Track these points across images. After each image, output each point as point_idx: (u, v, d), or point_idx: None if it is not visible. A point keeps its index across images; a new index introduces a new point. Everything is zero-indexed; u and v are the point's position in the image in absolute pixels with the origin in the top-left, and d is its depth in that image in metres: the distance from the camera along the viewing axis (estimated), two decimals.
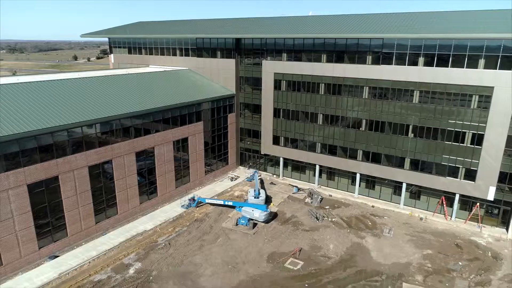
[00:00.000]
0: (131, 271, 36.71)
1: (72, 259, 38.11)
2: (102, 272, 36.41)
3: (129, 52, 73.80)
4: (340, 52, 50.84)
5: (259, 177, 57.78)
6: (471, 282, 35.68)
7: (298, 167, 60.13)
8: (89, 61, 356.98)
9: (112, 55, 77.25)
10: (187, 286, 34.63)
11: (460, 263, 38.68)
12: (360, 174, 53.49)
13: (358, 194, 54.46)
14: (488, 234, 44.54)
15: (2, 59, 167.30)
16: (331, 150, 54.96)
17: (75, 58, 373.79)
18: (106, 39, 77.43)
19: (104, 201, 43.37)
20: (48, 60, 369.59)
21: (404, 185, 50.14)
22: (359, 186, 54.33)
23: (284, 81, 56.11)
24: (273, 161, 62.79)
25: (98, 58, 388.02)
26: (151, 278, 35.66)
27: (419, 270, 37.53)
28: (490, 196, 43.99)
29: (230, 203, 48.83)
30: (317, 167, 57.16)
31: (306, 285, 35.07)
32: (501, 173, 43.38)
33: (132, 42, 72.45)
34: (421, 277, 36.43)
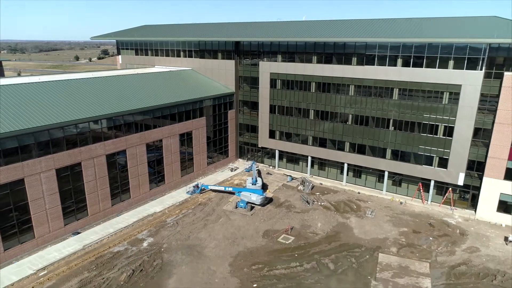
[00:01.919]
0: (145, 244, 42.41)
1: (92, 234, 43.82)
2: (120, 245, 42.10)
3: (136, 54, 79.40)
4: (329, 54, 56.54)
5: (257, 168, 63.45)
6: (438, 253, 41.40)
7: (292, 159, 65.87)
8: (90, 61, 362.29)
9: (120, 56, 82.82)
10: (194, 255, 40.31)
11: (430, 238, 44.44)
12: (348, 164, 59.20)
13: (346, 182, 60.18)
14: (459, 215, 50.30)
15: (9, 60, 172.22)
16: (322, 143, 60.67)
17: (77, 58, 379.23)
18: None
19: (119, 186, 49.06)
20: (50, 60, 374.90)
21: (386, 174, 55.88)
22: (347, 175, 60.06)
23: (279, 80, 61.82)
24: (270, 154, 68.49)
25: (99, 58, 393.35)
26: (162, 249, 41.34)
27: (394, 243, 43.26)
28: (460, 182, 49.79)
29: (230, 189, 54.55)
30: (309, 159, 62.90)
31: (296, 254, 40.77)
32: (469, 161, 49.24)
33: (139, 44, 78.08)
34: (396, 249, 42.15)
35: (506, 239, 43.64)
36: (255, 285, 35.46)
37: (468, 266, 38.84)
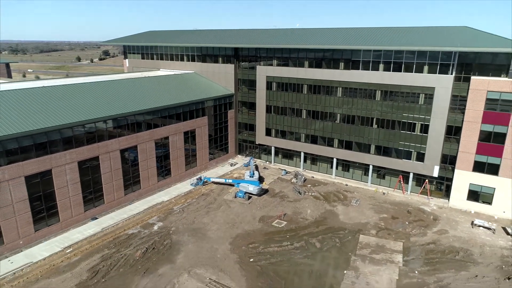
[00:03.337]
0: (155, 227, 48.35)
1: (109, 219, 49.75)
2: (134, 228, 48.02)
3: (142, 58, 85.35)
4: (319, 59, 62.54)
5: (254, 163, 69.38)
6: (411, 235, 47.37)
7: (287, 155, 71.87)
8: (92, 62, 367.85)
9: (126, 60, 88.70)
10: (198, 236, 46.27)
11: (406, 223, 50.43)
12: (337, 159, 65.21)
13: (335, 175, 66.20)
14: (434, 203, 56.29)
15: (16, 62, 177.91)
16: (313, 140, 66.68)
17: (79, 59, 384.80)
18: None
19: (131, 178, 54.99)
20: (52, 61, 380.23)
21: (371, 167, 61.88)
22: (336, 169, 66.06)
23: (274, 83, 67.82)
24: (266, 150, 74.44)
25: (100, 59, 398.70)
26: (171, 232, 47.28)
27: (374, 227, 49.24)
28: (435, 173, 55.81)
29: (230, 181, 60.55)
30: (302, 154, 68.92)
31: (288, 236, 46.73)
32: (443, 155, 55.24)
33: (145, 48, 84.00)
34: (375, 231, 48.13)
35: (472, 223, 49.62)
36: (251, 260, 41.40)
37: (436, 245, 44.84)
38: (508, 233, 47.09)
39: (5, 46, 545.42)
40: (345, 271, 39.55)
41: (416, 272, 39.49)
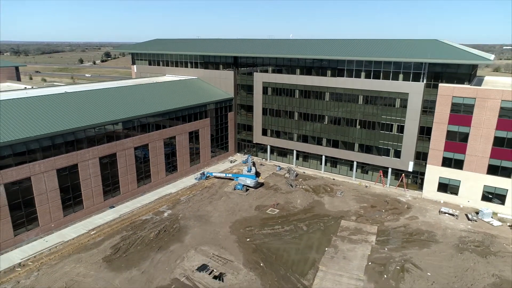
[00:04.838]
0: (165, 214, 55.96)
1: (125, 208, 57.35)
2: (146, 215, 55.62)
3: (149, 64, 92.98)
4: (309, 67, 70.24)
5: (252, 160, 77.00)
6: (386, 220, 55.01)
7: (281, 153, 79.53)
8: (95, 64, 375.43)
9: (134, 66, 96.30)
10: (203, 221, 53.89)
11: (383, 211, 58.07)
12: (325, 156, 72.86)
13: (324, 171, 73.87)
14: (410, 195, 63.94)
15: (25, 64, 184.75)
16: (304, 139, 74.34)
17: (81, 61, 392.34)
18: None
19: (143, 172, 62.61)
20: (54, 63, 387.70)
21: (355, 163, 69.56)
22: (325, 165, 73.73)
23: (270, 88, 75.51)
24: (263, 149, 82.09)
25: (102, 61, 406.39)
26: (179, 218, 54.89)
27: (354, 214, 56.87)
28: (410, 168, 63.49)
29: (230, 175, 68.20)
30: (295, 152, 76.58)
31: (279, 221, 54.35)
32: (417, 152, 62.91)
33: (152, 55, 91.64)
34: (355, 217, 55.76)
35: (439, 211, 57.25)
36: (248, 239, 49.03)
37: (406, 228, 52.49)
38: (468, 219, 54.79)
39: (6, 47, 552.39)
40: (326, 248, 47.17)
41: (386, 249, 47.14)
